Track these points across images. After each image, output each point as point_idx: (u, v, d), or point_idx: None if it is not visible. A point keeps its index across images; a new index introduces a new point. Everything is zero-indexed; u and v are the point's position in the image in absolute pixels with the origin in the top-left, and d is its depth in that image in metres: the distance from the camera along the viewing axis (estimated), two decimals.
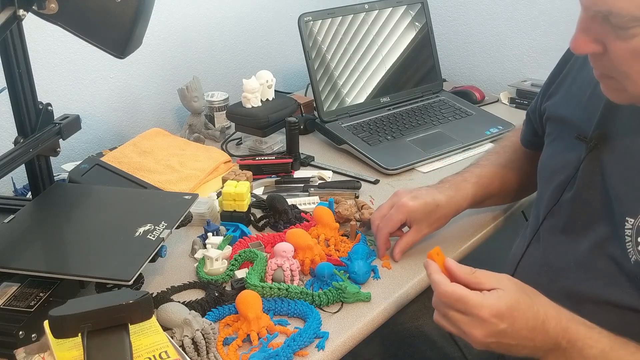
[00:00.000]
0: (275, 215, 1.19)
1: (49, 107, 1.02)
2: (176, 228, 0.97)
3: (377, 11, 1.64)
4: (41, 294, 0.87)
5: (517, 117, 1.64)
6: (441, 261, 0.81)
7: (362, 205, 1.17)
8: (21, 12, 0.84)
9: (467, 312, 0.75)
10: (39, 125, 1.00)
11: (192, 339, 0.85)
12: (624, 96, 0.77)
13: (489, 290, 0.76)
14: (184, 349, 0.84)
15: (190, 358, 0.83)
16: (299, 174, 1.39)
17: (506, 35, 1.88)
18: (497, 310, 0.74)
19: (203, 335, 0.85)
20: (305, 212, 1.21)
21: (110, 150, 1.43)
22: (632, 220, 0.79)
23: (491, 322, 0.74)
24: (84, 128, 1.12)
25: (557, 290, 0.85)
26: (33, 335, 0.83)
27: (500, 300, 0.75)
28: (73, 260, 0.91)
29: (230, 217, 1.17)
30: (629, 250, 0.79)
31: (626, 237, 0.79)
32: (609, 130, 0.85)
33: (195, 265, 1.05)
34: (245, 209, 1.17)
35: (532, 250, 0.95)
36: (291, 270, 1.00)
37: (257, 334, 0.89)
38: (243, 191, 1.15)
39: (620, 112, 0.85)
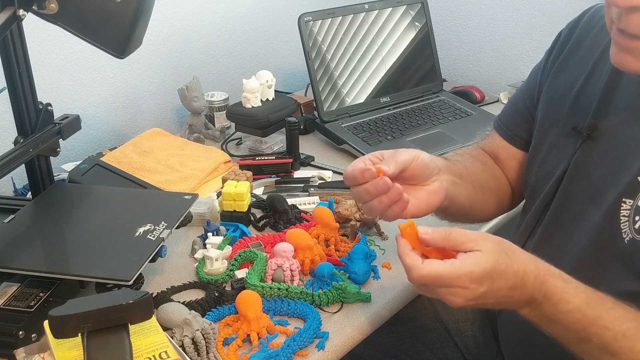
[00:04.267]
0: (275, 215, 1.19)
1: (49, 107, 1.02)
2: (176, 228, 0.97)
3: (377, 11, 1.64)
4: (41, 294, 0.87)
5: None
6: (414, 234, 0.76)
7: None
8: (21, 12, 0.83)
9: (447, 286, 0.73)
10: (39, 125, 1.00)
11: (192, 339, 0.85)
12: None
13: (465, 252, 0.74)
14: (184, 349, 0.84)
15: (190, 358, 0.83)
16: (299, 174, 1.39)
17: (506, 35, 1.88)
18: (475, 276, 0.72)
19: (203, 335, 0.85)
20: (305, 212, 1.21)
21: (110, 150, 1.43)
22: (631, 201, 0.80)
23: (471, 287, 0.72)
24: (84, 128, 1.12)
25: None
26: (33, 335, 0.83)
27: (478, 265, 0.72)
28: (73, 260, 0.91)
29: (230, 217, 1.17)
30: (623, 230, 0.80)
31: (622, 217, 0.80)
32: (602, 120, 0.87)
33: (195, 265, 1.05)
34: (245, 209, 1.17)
35: (529, 246, 0.95)
36: (291, 270, 1.00)
37: (257, 334, 0.89)
38: (243, 191, 1.15)
39: (615, 102, 0.86)
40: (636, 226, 0.79)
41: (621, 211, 0.80)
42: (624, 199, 0.80)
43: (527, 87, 1.05)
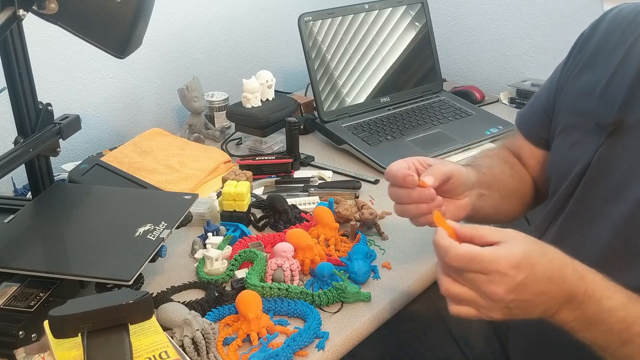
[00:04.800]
0: (275, 215, 1.19)
1: (49, 107, 1.02)
2: (176, 228, 0.97)
3: (377, 11, 1.64)
4: (41, 294, 0.87)
5: None
6: (443, 223, 0.76)
7: (362, 205, 1.17)
8: (21, 12, 0.83)
9: (484, 270, 0.70)
10: (39, 125, 1.00)
11: (192, 339, 0.85)
12: None
13: (495, 244, 0.72)
14: (184, 349, 0.84)
15: (190, 358, 0.83)
16: (299, 174, 1.39)
17: (506, 35, 1.88)
18: (513, 260, 0.69)
19: (203, 335, 0.85)
20: (305, 212, 1.21)
21: (110, 150, 1.43)
22: None
23: (510, 274, 0.69)
24: (84, 128, 1.12)
25: None
26: (33, 335, 0.83)
27: (513, 250, 0.70)
28: (73, 260, 0.91)
29: (230, 217, 1.17)
30: None
31: None
32: (628, 115, 0.86)
33: (195, 265, 1.05)
34: (245, 209, 1.17)
35: (547, 238, 0.94)
36: (291, 270, 1.00)
37: (257, 334, 0.89)
38: (243, 191, 1.15)
39: None
40: None
41: None
42: None
43: (547, 86, 1.07)
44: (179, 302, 0.93)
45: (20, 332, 0.81)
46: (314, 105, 1.59)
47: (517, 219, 1.13)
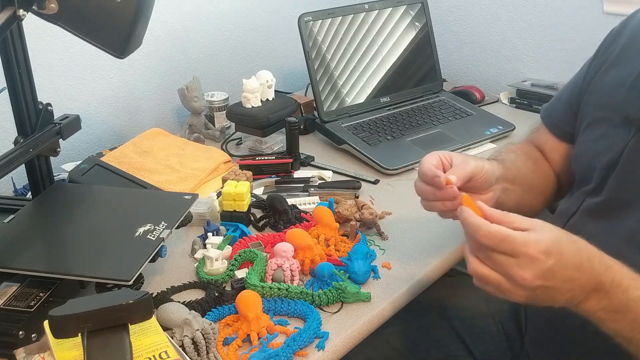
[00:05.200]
0: (275, 215, 1.19)
1: (49, 107, 1.02)
2: (176, 228, 0.97)
3: (377, 11, 1.64)
4: (41, 294, 0.87)
5: (517, 117, 1.64)
6: (473, 205, 0.77)
7: (362, 205, 1.17)
8: (21, 12, 0.83)
9: (513, 252, 0.70)
10: (39, 125, 1.00)
11: (192, 339, 0.85)
12: None
13: (524, 230, 0.72)
14: (184, 349, 0.84)
15: (190, 358, 0.83)
16: (299, 174, 1.39)
17: (506, 35, 1.88)
18: (543, 246, 0.70)
19: (203, 335, 0.85)
20: (305, 212, 1.21)
21: (110, 150, 1.43)
22: None
23: (539, 259, 0.69)
24: (84, 128, 1.12)
25: None
26: (33, 335, 0.83)
27: (543, 236, 0.71)
28: (73, 260, 0.91)
29: (230, 217, 1.17)
30: None
31: None
32: None
33: (195, 265, 1.05)
34: (245, 209, 1.17)
35: (570, 226, 0.95)
36: (291, 270, 1.00)
37: (257, 334, 0.89)
38: (243, 191, 1.15)
39: None
40: None
41: None
42: None
43: (573, 81, 1.08)
44: (179, 302, 0.93)
45: (20, 332, 0.81)
46: (314, 105, 1.59)
47: (537, 214, 1.13)
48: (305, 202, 1.25)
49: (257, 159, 1.37)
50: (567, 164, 1.06)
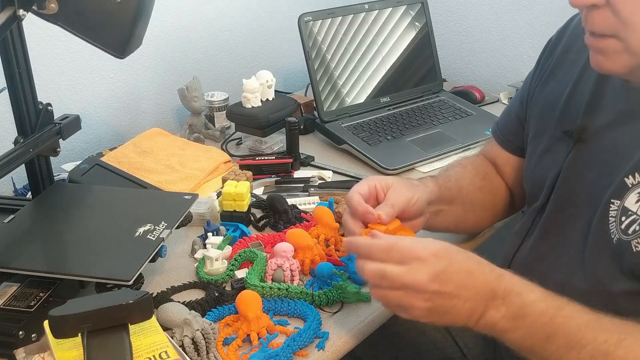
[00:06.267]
0: (275, 215, 1.19)
1: (49, 107, 1.02)
2: (176, 228, 0.97)
3: (377, 11, 1.64)
4: (41, 294, 0.87)
5: None
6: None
7: None
8: (21, 12, 0.84)
9: (403, 259, 0.72)
10: (39, 125, 1.00)
11: (192, 339, 0.85)
12: (620, 60, 0.77)
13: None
14: (184, 349, 0.84)
15: (190, 358, 0.83)
16: (299, 174, 1.39)
17: (506, 35, 1.88)
18: (433, 249, 0.73)
19: (203, 335, 0.85)
20: (305, 212, 1.21)
21: (110, 150, 1.43)
22: (618, 202, 0.80)
23: (430, 260, 0.71)
24: (84, 128, 1.12)
25: (552, 284, 0.85)
26: (33, 335, 0.83)
27: (431, 242, 0.74)
28: (73, 260, 0.91)
29: (230, 217, 1.17)
30: (612, 231, 0.80)
31: (610, 218, 0.80)
32: (591, 122, 0.88)
33: (195, 265, 1.05)
34: (245, 209, 1.17)
35: (525, 246, 0.95)
36: (291, 270, 1.00)
37: (257, 334, 0.89)
38: (243, 191, 1.15)
39: (602, 105, 0.87)
40: (622, 226, 0.79)
41: (610, 212, 0.81)
42: (612, 200, 0.81)
43: (519, 93, 1.07)
44: (179, 302, 0.93)
45: (20, 332, 0.81)
46: (314, 105, 1.59)
47: (485, 230, 1.14)
48: (305, 202, 1.25)
49: (257, 159, 1.37)
50: (520, 177, 1.05)
